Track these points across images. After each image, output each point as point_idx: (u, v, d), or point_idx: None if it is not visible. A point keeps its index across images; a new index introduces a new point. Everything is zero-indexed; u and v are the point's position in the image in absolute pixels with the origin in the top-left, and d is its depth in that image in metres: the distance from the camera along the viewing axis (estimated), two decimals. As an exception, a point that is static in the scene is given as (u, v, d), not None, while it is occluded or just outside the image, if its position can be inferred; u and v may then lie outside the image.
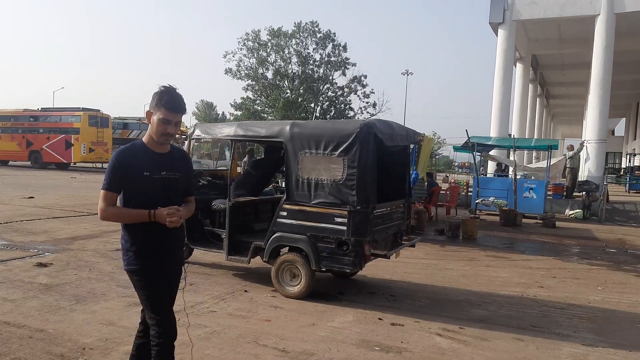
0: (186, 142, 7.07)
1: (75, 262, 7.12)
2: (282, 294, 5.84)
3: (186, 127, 19.34)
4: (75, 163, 31.08)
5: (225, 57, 38.42)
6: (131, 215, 2.88)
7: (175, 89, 2.95)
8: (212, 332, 4.66)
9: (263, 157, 8.13)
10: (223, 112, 78.72)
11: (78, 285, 5.97)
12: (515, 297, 6.49)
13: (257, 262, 6.46)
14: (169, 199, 2.94)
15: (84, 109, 30.53)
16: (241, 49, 38.17)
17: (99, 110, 31.41)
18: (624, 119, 48.65)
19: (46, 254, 7.58)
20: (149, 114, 2.93)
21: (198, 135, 6.89)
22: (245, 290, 6.07)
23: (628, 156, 39.30)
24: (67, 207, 13.08)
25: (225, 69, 38.13)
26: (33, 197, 14.56)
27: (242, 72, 38.36)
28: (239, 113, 38.32)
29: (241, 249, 6.25)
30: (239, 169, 8.65)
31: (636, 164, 35.09)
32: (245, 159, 13.29)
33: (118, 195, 2.91)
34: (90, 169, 32.81)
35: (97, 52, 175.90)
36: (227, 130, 6.64)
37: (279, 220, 5.85)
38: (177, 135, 11.92)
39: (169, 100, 2.89)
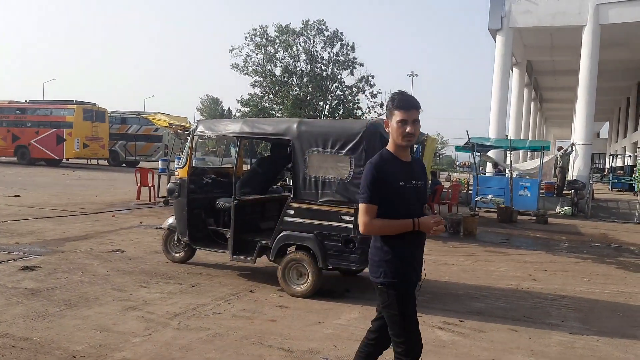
0: (189, 139, 6.54)
1: (66, 265, 6.23)
2: (289, 293, 5.45)
3: (189, 122, 17.99)
4: (67, 159, 27.61)
5: (231, 51, 35.53)
6: (396, 226, 2.63)
7: (405, 92, 2.76)
8: (214, 334, 4.23)
9: (269, 154, 7.59)
10: (229, 108, 73.17)
11: (69, 290, 5.23)
12: (511, 289, 6.38)
13: (262, 261, 5.99)
14: (419, 208, 2.74)
15: (77, 102, 26.88)
16: (248, 45, 35.40)
17: (94, 104, 27.79)
18: (608, 123, 48.13)
19: (33, 256, 6.60)
20: (386, 123, 2.73)
21: (201, 132, 6.35)
22: (251, 291, 5.58)
23: (611, 157, 39.14)
24: (57, 206, 11.41)
25: (232, 64, 35.52)
26: (19, 196, 12.56)
27: (249, 67, 35.56)
28: (246, 109, 35.52)
29: (246, 249, 5.83)
30: (245, 167, 8.01)
31: (618, 164, 34.68)
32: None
33: (377, 208, 2.66)
34: (84, 165, 29.18)
35: (97, 44, 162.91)
36: (232, 127, 6.18)
37: (286, 218, 5.52)
38: (179, 131, 11.54)
39: (400, 100, 2.67)
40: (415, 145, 8.01)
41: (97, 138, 27.19)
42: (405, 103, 2.66)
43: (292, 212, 5.51)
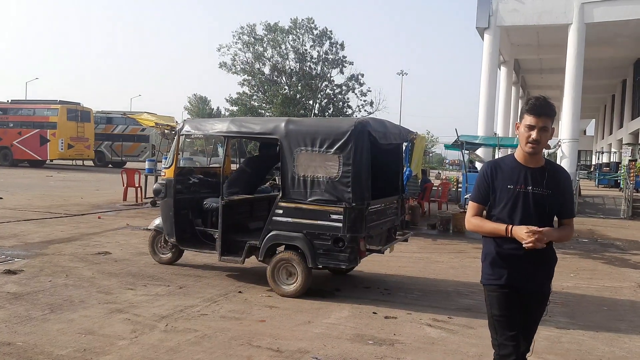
0: (174, 138, 6.47)
1: (49, 268, 6.12)
2: (278, 293, 5.43)
3: (176, 122, 17.73)
4: (51, 160, 27.12)
5: (219, 50, 35.02)
6: (488, 228, 2.60)
7: (545, 97, 2.61)
8: (202, 336, 4.20)
9: (257, 154, 7.55)
10: (218, 107, 71.19)
11: (53, 293, 5.13)
12: (500, 286, 6.37)
13: (251, 261, 5.97)
14: (539, 218, 2.54)
15: (61, 102, 26.43)
16: (236, 43, 34.90)
17: (79, 104, 27.35)
18: (594, 120, 48.69)
19: (15, 259, 6.47)
20: (517, 126, 2.62)
21: (187, 131, 6.28)
22: (240, 291, 5.55)
23: (597, 154, 39.60)
24: (41, 208, 11.18)
25: (220, 63, 34.92)
26: (1, 198, 12.34)
27: (238, 66, 35.08)
28: (235, 108, 35.05)
29: (235, 249, 5.77)
30: (234, 166, 7.91)
31: (604, 161, 35.13)
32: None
33: (484, 207, 2.65)
34: (69, 166, 28.70)
35: (81, 43, 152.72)
36: (219, 127, 6.12)
37: (274, 218, 5.49)
38: (166, 131, 11.41)
39: (532, 105, 2.54)
40: (405, 144, 8.01)
41: (82, 138, 26.84)
42: (537, 108, 2.53)
43: (280, 211, 5.48)
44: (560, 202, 2.63)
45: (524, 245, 2.47)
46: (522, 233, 2.47)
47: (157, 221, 6.55)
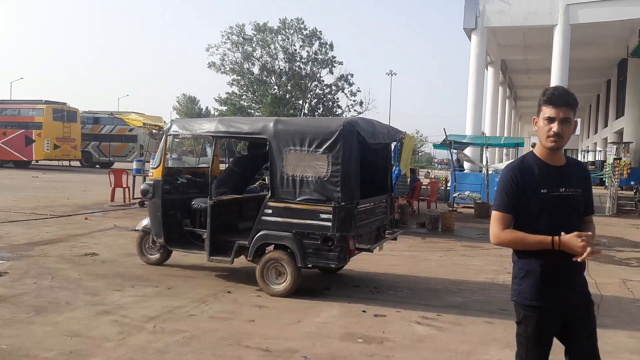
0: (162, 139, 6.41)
1: (35, 270, 6.02)
2: (268, 293, 5.40)
3: (164, 122, 17.78)
4: (37, 161, 26.78)
5: (208, 50, 34.78)
6: (530, 242, 2.27)
7: (562, 86, 2.39)
8: (191, 336, 4.16)
9: (246, 153, 7.51)
10: (207, 107, 70.38)
11: (38, 295, 5.05)
12: (487, 283, 6.49)
13: (240, 261, 5.91)
14: (569, 221, 2.31)
15: (47, 102, 26.02)
16: (225, 43, 34.64)
17: (65, 104, 26.88)
18: (579, 119, 49.30)
19: (0, 262, 6.35)
20: (535, 121, 2.38)
21: (175, 131, 6.25)
22: (229, 292, 5.50)
23: (583, 152, 40.09)
24: (26, 209, 10.99)
25: (209, 63, 34.69)
26: None
27: (227, 66, 34.82)
28: (224, 108, 34.75)
29: (224, 249, 5.74)
30: (222, 166, 7.85)
31: (590, 159, 35.56)
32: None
33: (512, 218, 2.33)
34: (55, 167, 28.11)
35: (67, 42, 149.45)
36: (207, 126, 6.08)
37: (263, 218, 5.47)
38: (154, 131, 11.38)
39: (551, 95, 2.29)
40: (394, 143, 8.03)
41: (69, 139, 26.47)
42: (556, 98, 2.28)
43: (269, 211, 5.46)
44: (586, 199, 2.44)
45: (577, 254, 2.20)
46: (576, 244, 2.19)
47: (145, 222, 6.50)
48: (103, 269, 6.31)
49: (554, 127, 2.27)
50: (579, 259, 2.21)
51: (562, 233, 2.23)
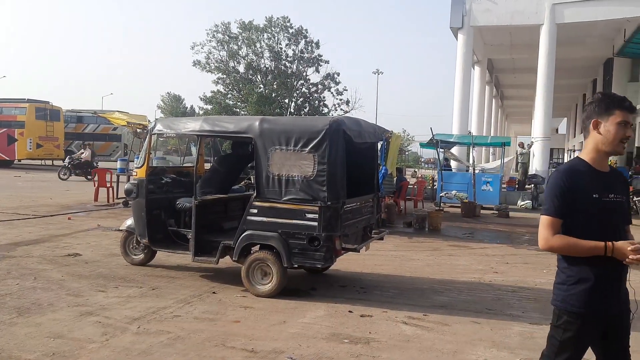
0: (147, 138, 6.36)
1: (17, 271, 5.97)
2: (253, 293, 5.38)
3: (148, 121, 17.12)
4: (19, 160, 26.48)
5: (193, 48, 34.84)
6: (582, 248, 2.26)
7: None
8: (175, 337, 4.13)
9: (230, 153, 7.47)
10: (192, 106, 69.87)
11: (20, 296, 5.00)
12: (474, 282, 6.52)
13: (226, 262, 5.90)
14: (617, 227, 2.34)
15: (29, 100, 25.85)
16: (210, 41, 34.74)
17: (48, 102, 26.74)
18: (565, 119, 49.86)
19: None
20: (595, 124, 2.34)
21: (160, 130, 6.20)
22: (214, 292, 5.47)
23: (569, 152, 40.59)
24: (8, 209, 10.85)
25: (194, 61, 34.83)
26: None
27: (212, 64, 34.93)
28: (209, 107, 34.94)
29: (209, 249, 5.70)
30: (207, 166, 7.79)
31: (575, 159, 36.01)
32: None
33: (561, 222, 2.31)
34: (38, 166, 27.56)
35: (50, 40, 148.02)
36: (192, 125, 6.05)
37: (249, 218, 5.44)
38: (138, 130, 11.38)
39: (623, 99, 2.32)
40: (380, 142, 8.05)
41: (52, 138, 26.23)
42: (629, 104, 2.33)
43: (255, 211, 5.44)
44: (626, 207, 2.46)
45: (625, 262, 2.24)
46: (626, 250, 2.21)
47: (129, 222, 6.45)
48: (86, 269, 6.25)
49: (628, 132, 2.33)
50: (627, 262, 2.24)
51: (613, 241, 2.25)
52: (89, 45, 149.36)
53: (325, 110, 35.76)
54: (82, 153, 21.43)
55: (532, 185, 17.20)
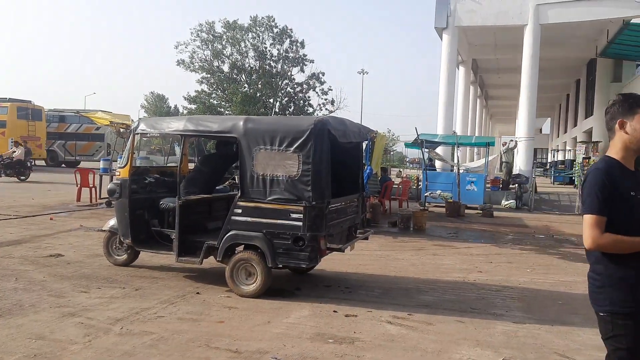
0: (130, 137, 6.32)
1: None
2: (238, 294, 5.36)
3: (132, 120, 17.19)
4: None
5: (177, 47, 34.72)
6: (632, 243, 2.26)
7: None
8: (159, 338, 4.11)
9: (214, 152, 7.42)
10: (176, 106, 70.26)
11: (1, 297, 4.97)
12: (458, 282, 6.58)
13: (210, 262, 5.87)
14: None
15: (11, 100, 25.86)
16: (194, 40, 34.67)
17: (30, 102, 26.84)
18: (549, 119, 50.47)
19: None
20: (622, 124, 2.37)
21: (143, 130, 6.15)
22: (198, 292, 5.45)
23: (553, 152, 41.09)
24: None
25: (178, 60, 34.76)
26: None
27: (196, 64, 34.87)
28: (193, 107, 34.83)
29: (193, 250, 5.67)
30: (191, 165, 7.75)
31: (560, 158, 36.51)
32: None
33: (606, 220, 2.31)
34: None
35: (32, 38, 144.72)
36: (175, 125, 6.03)
37: (233, 218, 5.43)
38: (121, 130, 11.31)
39: None
40: (365, 142, 8.09)
41: (33, 137, 25.97)
42: None
43: (239, 211, 5.43)
44: None
45: None
46: None
47: (112, 222, 6.39)
48: (68, 270, 6.18)
49: None
50: None
51: None
52: (72, 44, 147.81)
53: (310, 110, 35.74)
54: (14, 152, 19.49)
55: (516, 185, 17.38)
